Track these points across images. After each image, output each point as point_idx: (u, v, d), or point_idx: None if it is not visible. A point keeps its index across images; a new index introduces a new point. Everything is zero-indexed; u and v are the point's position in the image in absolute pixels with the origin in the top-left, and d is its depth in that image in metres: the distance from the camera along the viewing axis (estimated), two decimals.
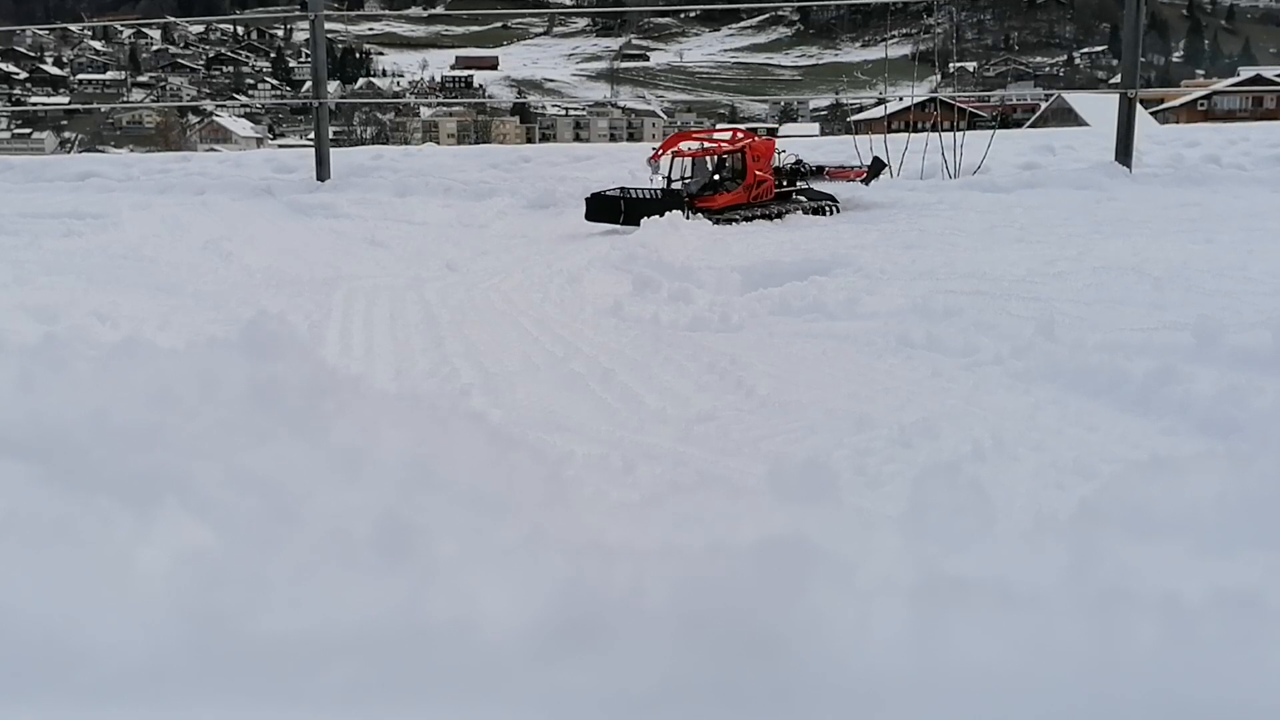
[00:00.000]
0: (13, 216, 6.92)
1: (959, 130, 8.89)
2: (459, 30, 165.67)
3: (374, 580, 0.90)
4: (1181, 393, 2.29)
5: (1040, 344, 2.83)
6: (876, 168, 7.70)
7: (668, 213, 6.43)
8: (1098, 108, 27.30)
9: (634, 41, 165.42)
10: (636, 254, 5.25)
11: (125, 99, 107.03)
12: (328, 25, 11.34)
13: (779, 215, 6.94)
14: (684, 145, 7.29)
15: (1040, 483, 1.93)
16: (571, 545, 0.97)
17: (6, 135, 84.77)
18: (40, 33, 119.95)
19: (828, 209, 7.10)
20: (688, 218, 6.58)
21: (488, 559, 0.93)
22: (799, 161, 7.53)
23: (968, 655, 0.81)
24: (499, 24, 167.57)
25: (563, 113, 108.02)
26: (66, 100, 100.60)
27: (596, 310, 4.12)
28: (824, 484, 1.18)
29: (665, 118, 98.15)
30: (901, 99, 26.27)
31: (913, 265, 4.59)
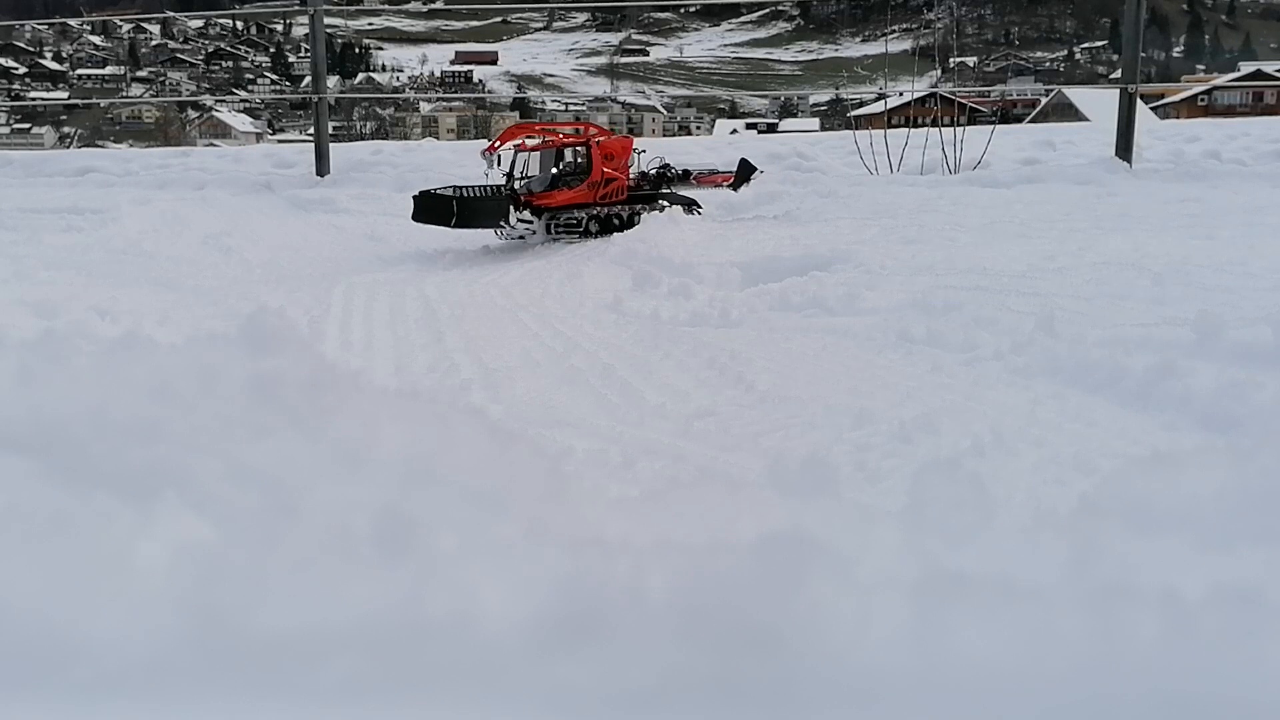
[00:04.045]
0: (12, 211, 6.91)
1: (959, 125, 8.88)
2: (458, 25, 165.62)
3: (373, 575, 0.90)
4: (1181, 388, 2.28)
5: (1040, 339, 2.83)
6: (745, 171, 7.28)
7: (502, 215, 6.14)
8: (1098, 103, 27.27)
9: (634, 36, 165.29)
10: (636, 249, 5.25)
11: (124, 94, 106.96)
12: (327, 20, 11.31)
13: (630, 219, 6.57)
14: (527, 140, 6.75)
15: (1040, 478, 1.93)
16: (571, 540, 0.97)
17: (6, 130, 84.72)
18: (39, 27, 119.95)
19: (691, 211, 6.82)
20: (512, 223, 6.27)
21: (487, 554, 0.93)
22: (665, 166, 7.25)
23: (967, 650, 0.81)
24: (498, 19, 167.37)
25: (562, 108, 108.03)
26: (66, 95, 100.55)
27: (596, 305, 4.12)
28: (824, 479, 1.18)
29: (665, 113, 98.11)
30: (902, 94, 26.29)
31: (913, 260, 4.59)
